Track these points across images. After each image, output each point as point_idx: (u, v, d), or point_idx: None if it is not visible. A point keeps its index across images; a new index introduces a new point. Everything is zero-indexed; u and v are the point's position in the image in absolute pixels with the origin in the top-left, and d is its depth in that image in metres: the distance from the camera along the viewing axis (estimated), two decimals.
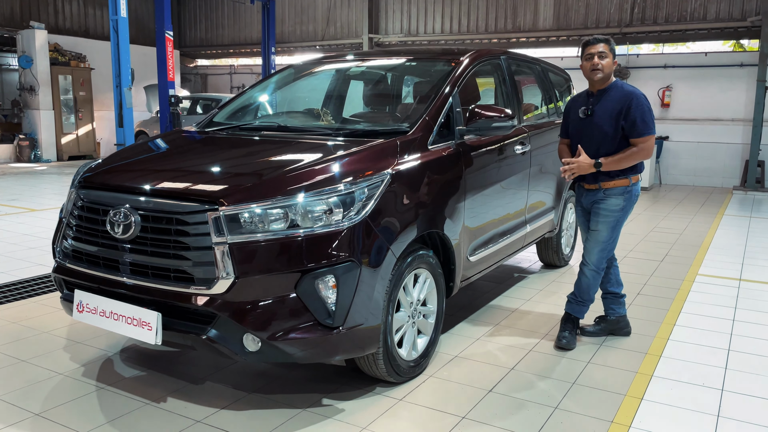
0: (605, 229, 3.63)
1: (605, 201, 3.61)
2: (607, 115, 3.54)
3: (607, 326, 3.89)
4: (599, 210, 3.64)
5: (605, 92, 3.61)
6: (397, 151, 3.09)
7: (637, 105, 3.48)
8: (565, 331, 3.74)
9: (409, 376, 3.18)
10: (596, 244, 3.67)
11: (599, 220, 3.64)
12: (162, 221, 2.66)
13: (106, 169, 3.13)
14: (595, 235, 3.67)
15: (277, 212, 2.61)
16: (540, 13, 13.41)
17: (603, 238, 3.64)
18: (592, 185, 3.65)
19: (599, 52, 3.53)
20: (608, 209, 3.61)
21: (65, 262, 2.99)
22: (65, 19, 16.33)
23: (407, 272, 3.03)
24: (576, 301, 3.81)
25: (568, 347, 3.65)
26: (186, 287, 2.60)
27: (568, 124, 3.82)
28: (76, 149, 15.00)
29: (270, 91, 4.56)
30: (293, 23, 16.88)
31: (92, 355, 3.45)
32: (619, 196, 3.60)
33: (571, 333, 3.74)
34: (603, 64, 3.53)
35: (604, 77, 3.56)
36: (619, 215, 3.62)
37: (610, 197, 3.60)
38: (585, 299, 3.78)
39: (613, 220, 3.61)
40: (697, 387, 3.17)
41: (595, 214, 3.66)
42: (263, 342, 2.58)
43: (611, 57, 3.56)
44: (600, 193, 3.62)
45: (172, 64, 11.03)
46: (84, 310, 2.84)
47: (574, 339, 3.72)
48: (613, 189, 3.59)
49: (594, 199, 3.67)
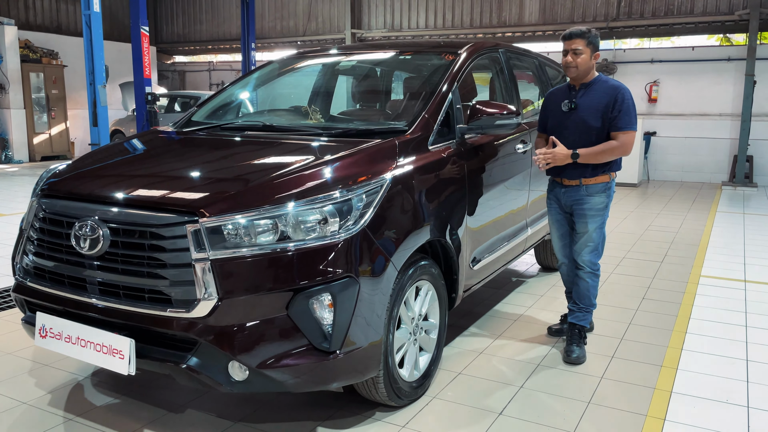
0: (594, 229, 3.50)
1: (589, 200, 3.48)
2: (593, 109, 3.41)
3: None
4: (584, 211, 3.50)
5: (589, 86, 3.47)
6: (395, 153, 2.81)
7: (624, 99, 3.37)
8: (573, 344, 3.51)
9: (412, 399, 2.91)
10: (587, 246, 3.53)
11: (587, 222, 3.50)
12: (134, 235, 2.35)
13: (72, 175, 2.80)
14: (584, 237, 3.53)
15: (265, 223, 2.32)
16: (526, 7, 13.19)
17: (593, 238, 3.52)
18: (573, 181, 3.49)
19: (573, 49, 3.40)
20: (594, 208, 3.48)
21: (26, 281, 2.66)
22: (36, 15, 15.75)
23: (408, 285, 2.76)
24: (578, 309, 3.63)
25: (578, 362, 3.42)
26: (162, 310, 2.29)
27: (547, 118, 3.64)
28: (50, 149, 14.47)
29: (252, 88, 4.24)
30: (273, 18, 16.48)
31: (60, 380, 3.13)
32: (601, 194, 3.48)
33: (579, 346, 3.50)
34: (578, 61, 3.40)
35: (580, 74, 3.44)
36: (604, 212, 3.51)
37: (592, 195, 3.47)
38: (587, 305, 3.61)
39: (600, 219, 3.50)
40: (721, 404, 2.94)
41: (580, 215, 3.52)
42: (251, 370, 2.28)
43: (589, 52, 3.41)
44: (581, 190, 3.48)
45: (148, 60, 10.61)
46: (47, 336, 2.52)
47: (584, 352, 3.48)
48: (594, 186, 3.46)
49: (575, 198, 3.51)
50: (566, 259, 3.75)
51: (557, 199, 3.63)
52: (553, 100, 3.62)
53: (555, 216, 3.69)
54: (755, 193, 10.35)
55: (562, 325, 3.83)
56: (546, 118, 3.65)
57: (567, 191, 3.54)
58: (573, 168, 3.45)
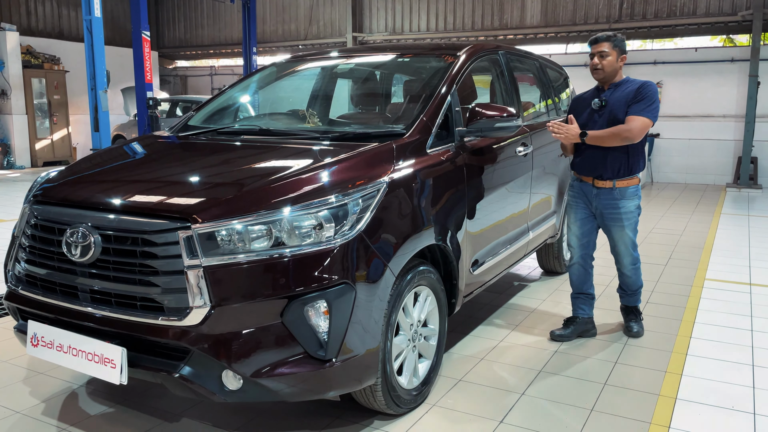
0: (631, 231, 3.68)
1: (623, 205, 3.61)
2: (621, 102, 3.54)
3: (576, 328, 3.83)
4: (619, 215, 3.63)
5: (618, 85, 3.61)
6: (393, 157, 2.77)
7: (646, 88, 3.50)
8: (630, 321, 3.87)
9: (411, 407, 2.85)
10: (625, 247, 3.73)
11: (624, 225, 3.64)
12: (126, 242, 2.31)
13: (63, 182, 2.75)
14: (623, 240, 3.70)
15: (258, 229, 2.27)
16: (527, 9, 13.15)
17: (631, 240, 3.70)
18: (606, 183, 3.60)
19: (600, 51, 3.54)
20: (628, 212, 3.63)
21: (18, 288, 2.62)
22: (38, 21, 15.78)
23: (407, 291, 2.70)
24: (627, 294, 3.91)
25: (638, 335, 3.79)
26: (154, 318, 2.25)
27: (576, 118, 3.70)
28: (51, 154, 14.48)
29: (251, 92, 4.20)
30: (275, 22, 16.47)
31: (54, 389, 3.08)
32: (633, 197, 3.64)
33: (636, 322, 3.86)
34: (603, 63, 3.54)
35: (607, 76, 3.58)
36: (637, 213, 3.68)
37: (625, 199, 3.61)
38: (635, 289, 3.88)
39: (634, 221, 3.67)
40: (727, 411, 2.88)
41: (615, 219, 3.65)
42: (245, 379, 2.24)
43: (615, 55, 3.55)
44: (615, 193, 3.60)
45: (149, 65, 10.62)
46: (39, 344, 2.48)
47: (642, 326, 3.85)
48: (627, 189, 3.61)
49: (608, 202, 3.63)
50: (581, 259, 3.83)
51: (587, 198, 3.72)
52: (582, 102, 3.75)
53: (580, 214, 3.77)
54: (760, 195, 10.27)
55: (565, 330, 3.80)
56: (578, 115, 3.71)
57: (599, 194, 3.65)
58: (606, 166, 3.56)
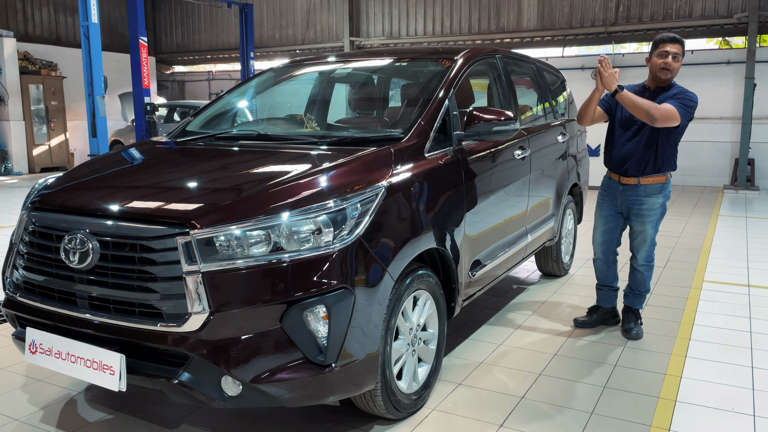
0: (651, 228, 3.72)
1: (646, 201, 3.68)
2: None
3: (599, 317, 4.03)
4: (642, 212, 3.71)
5: (664, 90, 3.63)
6: (391, 161, 2.77)
7: (689, 93, 3.56)
8: (630, 323, 3.88)
9: (411, 411, 2.85)
10: (644, 243, 3.78)
11: (645, 221, 3.71)
12: (124, 248, 2.31)
13: (61, 188, 2.75)
14: (641, 235, 3.76)
15: (257, 234, 2.27)
16: (524, 13, 13.19)
17: (650, 237, 3.75)
18: (631, 179, 3.68)
19: (674, 53, 3.54)
20: (651, 209, 3.69)
21: (16, 295, 2.61)
22: (35, 27, 15.79)
23: (406, 295, 2.70)
24: (634, 294, 3.92)
25: (636, 337, 3.80)
26: (153, 324, 2.24)
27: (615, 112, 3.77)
28: (49, 161, 14.46)
29: (248, 96, 4.20)
30: (272, 27, 16.50)
31: (53, 396, 3.07)
32: (658, 194, 3.68)
33: (636, 324, 3.86)
34: (674, 66, 3.56)
35: (671, 78, 3.61)
36: (661, 211, 3.72)
37: (649, 196, 3.67)
38: (642, 291, 3.90)
39: (657, 218, 3.71)
40: (726, 413, 2.88)
41: (638, 215, 3.73)
42: (244, 385, 2.23)
43: (681, 60, 3.60)
44: (639, 190, 3.67)
45: (147, 71, 10.63)
46: (37, 351, 2.47)
47: (641, 329, 3.85)
48: (652, 186, 3.66)
49: (633, 198, 3.71)
50: (602, 255, 3.98)
51: (613, 196, 3.82)
52: None
53: (606, 212, 3.87)
54: (757, 197, 10.29)
55: (588, 318, 4.03)
56: (615, 106, 3.76)
57: (624, 190, 3.73)
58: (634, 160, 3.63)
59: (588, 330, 3.98)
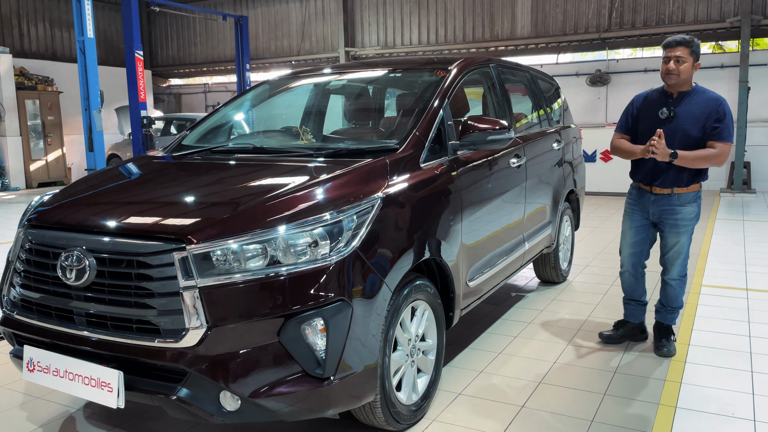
0: (686, 239, 3.59)
1: (681, 210, 3.54)
2: (693, 119, 3.45)
3: (626, 331, 3.87)
4: (676, 221, 3.55)
5: (687, 95, 3.51)
6: (387, 172, 2.78)
7: (726, 112, 3.43)
8: (662, 339, 3.71)
9: (410, 423, 2.84)
10: (679, 255, 3.63)
11: (680, 232, 3.56)
12: (120, 264, 2.31)
13: (57, 205, 2.75)
14: (676, 247, 3.61)
15: (254, 248, 2.27)
16: (518, 20, 13.26)
17: (685, 248, 3.61)
18: (665, 190, 3.54)
19: (676, 56, 3.44)
20: (686, 219, 3.55)
21: (13, 313, 2.61)
22: (31, 42, 15.84)
23: (404, 306, 2.70)
24: (666, 309, 3.76)
25: (668, 355, 3.63)
26: (151, 340, 2.24)
27: (638, 120, 3.64)
28: (46, 175, 14.46)
29: (244, 109, 4.21)
30: (268, 39, 16.57)
31: (52, 413, 3.06)
32: (692, 203, 3.55)
33: (668, 340, 3.70)
34: (680, 69, 3.43)
35: (680, 82, 3.47)
36: (695, 222, 3.59)
37: (684, 205, 3.54)
38: (675, 307, 3.75)
39: (691, 229, 3.58)
40: (727, 419, 2.88)
41: (672, 226, 3.57)
42: (243, 400, 2.23)
43: (691, 61, 3.45)
44: (673, 199, 3.53)
45: (143, 84, 10.67)
46: (35, 369, 2.47)
47: (673, 345, 3.68)
48: (686, 195, 3.53)
49: (666, 207, 3.56)
50: (631, 268, 3.80)
51: (644, 206, 3.66)
52: (647, 105, 3.62)
53: (637, 223, 3.71)
54: (754, 200, 10.32)
55: (614, 332, 3.88)
56: (636, 120, 3.65)
57: (657, 200, 3.58)
58: (668, 175, 3.50)
59: (587, 337, 3.98)
